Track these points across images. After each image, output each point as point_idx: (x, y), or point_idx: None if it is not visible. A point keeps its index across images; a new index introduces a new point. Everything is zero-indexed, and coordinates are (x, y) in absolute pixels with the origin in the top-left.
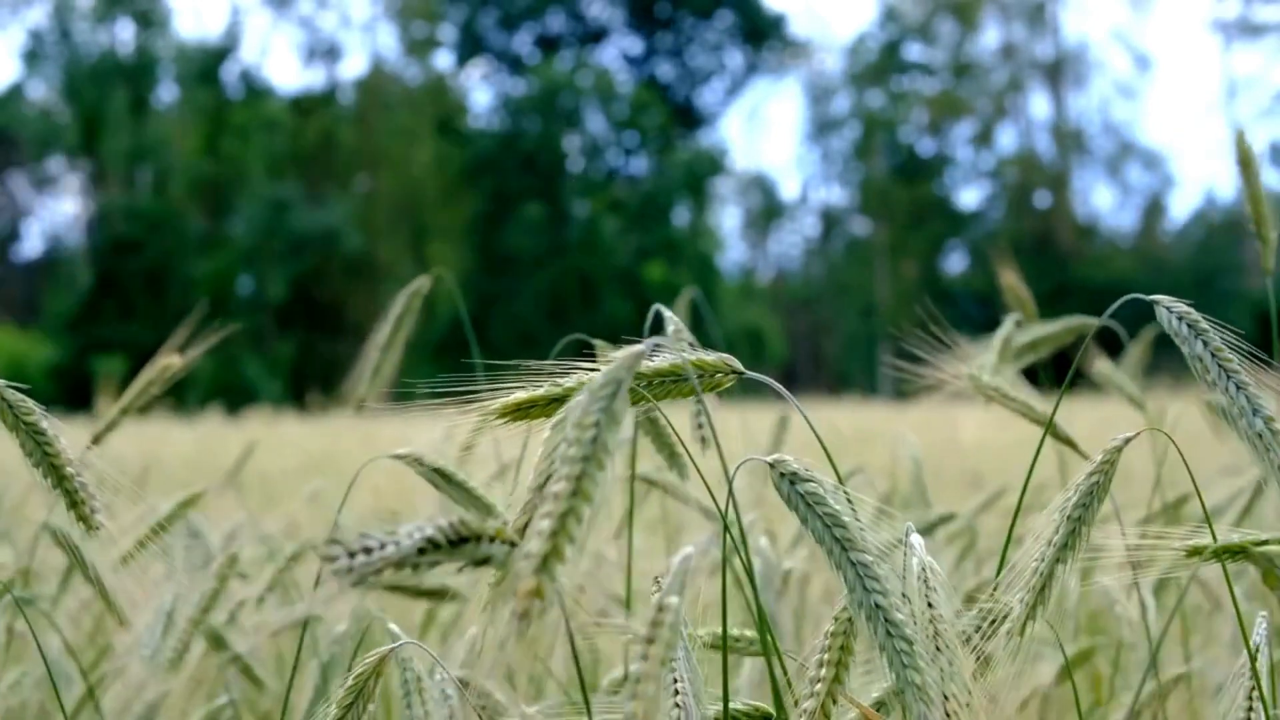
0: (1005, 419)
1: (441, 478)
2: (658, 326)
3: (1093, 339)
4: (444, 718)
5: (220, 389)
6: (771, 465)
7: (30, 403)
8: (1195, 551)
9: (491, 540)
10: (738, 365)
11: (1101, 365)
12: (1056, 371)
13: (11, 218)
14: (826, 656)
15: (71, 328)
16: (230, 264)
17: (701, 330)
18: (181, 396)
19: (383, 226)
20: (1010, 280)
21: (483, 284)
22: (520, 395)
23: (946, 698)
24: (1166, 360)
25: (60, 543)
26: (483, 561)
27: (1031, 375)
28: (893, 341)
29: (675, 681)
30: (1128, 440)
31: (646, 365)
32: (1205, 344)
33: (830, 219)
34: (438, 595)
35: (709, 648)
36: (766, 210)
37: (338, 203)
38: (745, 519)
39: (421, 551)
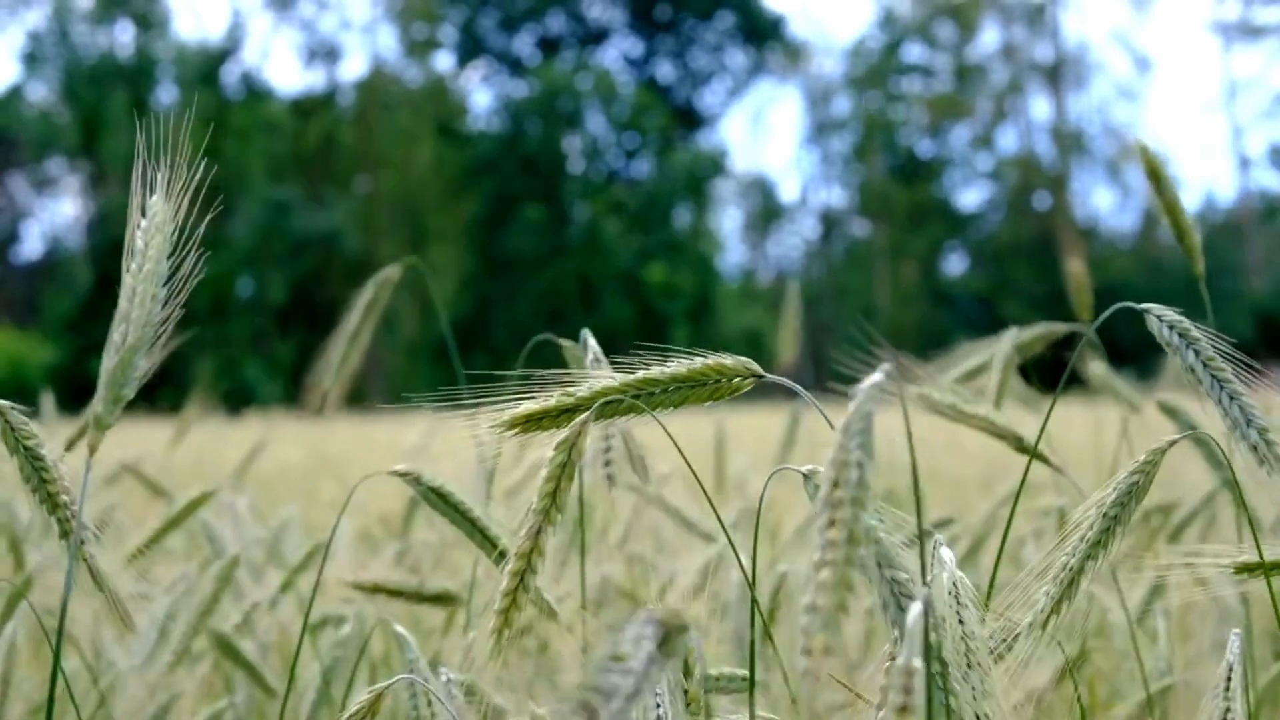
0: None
1: (438, 497)
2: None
3: (1088, 342)
4: (449, 717)
5: (221, 391)
6: (806, 476)
7: (32, 426)
8: (1244, 569)
9: None
10: (756, 368)
11: (1096, 369)
12: (1050, 376)
13: (11, 219)
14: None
15: (71, 329)
16: (230, 266)
17: (703, 332)
18: (181, 399)
19: (383, 228)
20: (1076, 268)
21: (483, 286)
22: (531, 406)
23: (979, 718)
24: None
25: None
26: None
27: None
28: (891, 344)
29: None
30: (1172, 443)
31: (663, 371)
32: (1197, 354)
33: (830, 221)
34: (441, 600)
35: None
36: (766, 212)
37: (338, 204)
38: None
39: None
